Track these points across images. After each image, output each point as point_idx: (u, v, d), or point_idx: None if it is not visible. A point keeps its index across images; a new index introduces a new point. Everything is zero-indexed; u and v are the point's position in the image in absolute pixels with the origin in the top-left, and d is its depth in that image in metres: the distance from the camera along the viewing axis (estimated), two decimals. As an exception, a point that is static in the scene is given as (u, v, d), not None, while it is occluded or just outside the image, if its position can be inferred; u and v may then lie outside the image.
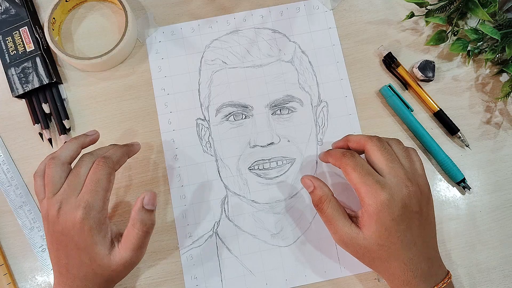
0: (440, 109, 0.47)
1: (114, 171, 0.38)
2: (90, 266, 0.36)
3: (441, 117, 0.47)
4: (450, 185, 0.47)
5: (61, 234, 0.36)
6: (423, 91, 0.47)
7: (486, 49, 0.48)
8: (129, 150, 0.41)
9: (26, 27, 0.47)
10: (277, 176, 0.46)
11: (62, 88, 0.48)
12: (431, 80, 0.48)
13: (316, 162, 0.47)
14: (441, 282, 0.36)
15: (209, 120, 0.48)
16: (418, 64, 0.48)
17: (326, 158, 0.42)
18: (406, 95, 0.48)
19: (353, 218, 0.37)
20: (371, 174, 0.36)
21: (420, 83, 0.48)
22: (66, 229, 0.35)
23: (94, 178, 0.36)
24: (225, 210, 0.46)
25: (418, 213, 0.36)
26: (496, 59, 0.49)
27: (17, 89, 0.46)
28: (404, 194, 0.35)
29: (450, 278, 0.37)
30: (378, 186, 0.35)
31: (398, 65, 0.48)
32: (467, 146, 0.47)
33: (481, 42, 0.48)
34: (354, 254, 0.38)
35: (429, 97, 0.47)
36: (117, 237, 0.38)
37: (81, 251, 0.35)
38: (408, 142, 0.47)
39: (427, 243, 0.37)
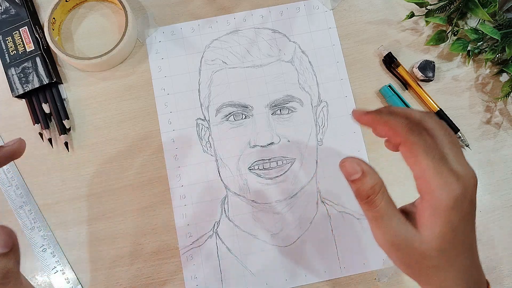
0: (440, 109, 0.47)
1: None
2: None
3: (441, 117, 0.47)
4: (450, 185, 0.47)
5: None
6: (423, 91, 0.47)
7: (486, 49, 0.48)
8: None
9: (26, 27, 0.47)
10: (277, 176, 0.46)
11: (62, 88, 0.48)
12: (431, 80, 0.48)
13: (316, 162, 0.47)
14: None
15: (209, 120, 0.48)
16: (418, 64, 0.48)
17: (373, 122, 0.30)
18: (406, 95, 0.48)
19: (404, 214, 0.29)
20: (445, 161, 0.27)
21: (420, 83, 0.48)
22: None
23: None
24: (225, 210, 0.46)
25: (476, 209, 0.29)
26: (496, 59, 0.49)
27: (17, 89, 0.46)
28: (472, 186, 0.27)
29: None
30: (454, 177, 0.27)
31: (398, 65, 0.48)
32: (467, 146, 0.47)
33: (481, 42, 0.48)
34: (403, 261, 0.29)
35: (429, 97, 0.47)
36: None
37: None
38: (408, 142, 0.47)
39: (476, 246, 0.30)
